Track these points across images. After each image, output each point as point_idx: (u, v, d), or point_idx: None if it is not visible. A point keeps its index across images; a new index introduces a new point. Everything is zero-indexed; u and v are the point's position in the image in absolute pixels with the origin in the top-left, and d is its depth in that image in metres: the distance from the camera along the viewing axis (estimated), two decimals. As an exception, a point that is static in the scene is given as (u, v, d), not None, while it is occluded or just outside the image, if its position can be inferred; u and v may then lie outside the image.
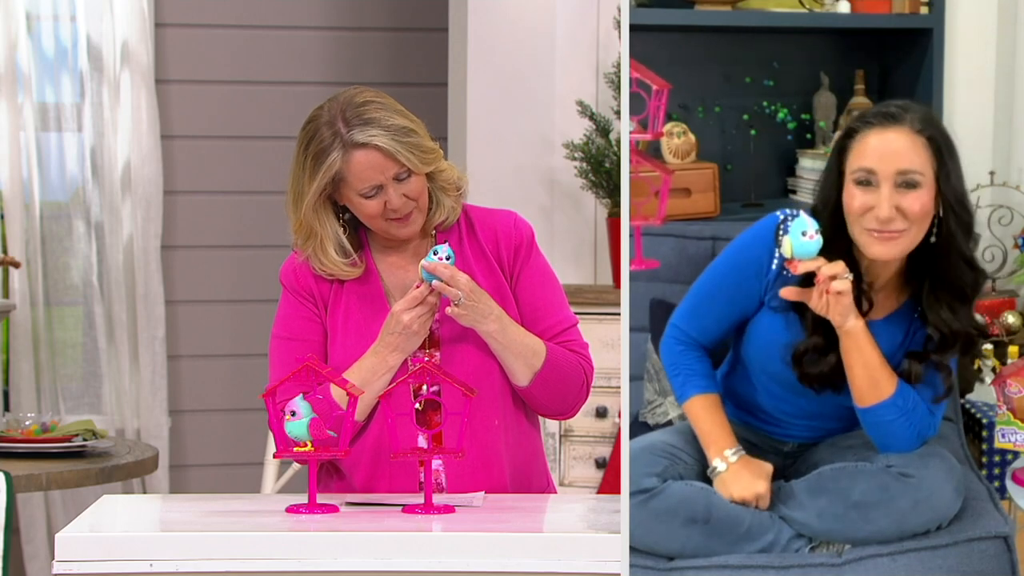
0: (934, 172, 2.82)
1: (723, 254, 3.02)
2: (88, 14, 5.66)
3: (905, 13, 3.33)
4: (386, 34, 5.92)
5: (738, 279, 2.97)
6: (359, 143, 3.24)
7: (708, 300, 3.02)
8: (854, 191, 2.82)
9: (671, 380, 3.05)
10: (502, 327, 3.26)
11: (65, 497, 5.61)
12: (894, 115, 2.83)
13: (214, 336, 5.90)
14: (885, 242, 2.82)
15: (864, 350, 2.88)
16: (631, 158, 2.76)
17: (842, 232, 2.85)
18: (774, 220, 2.92)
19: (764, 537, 2.92)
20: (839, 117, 3.22)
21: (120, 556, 2.82)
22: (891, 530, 2.88)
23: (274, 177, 5.84)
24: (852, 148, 2.84)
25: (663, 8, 3.29)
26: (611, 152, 5.19)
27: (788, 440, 3.07)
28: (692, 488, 2.93)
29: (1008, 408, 2.91)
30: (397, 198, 3.26)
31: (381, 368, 3.26)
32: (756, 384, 3.02)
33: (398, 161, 3.25)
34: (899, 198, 2.80)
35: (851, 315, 2.84)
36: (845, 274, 2.79)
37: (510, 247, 3.37)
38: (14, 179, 5.59)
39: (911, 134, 2.83)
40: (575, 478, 5.12)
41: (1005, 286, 3.29)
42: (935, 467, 2.91)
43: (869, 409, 2.91)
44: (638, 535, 2.79)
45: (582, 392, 3.36)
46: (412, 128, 3.28)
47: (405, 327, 3.22)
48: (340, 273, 3.33)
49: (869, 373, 2.89)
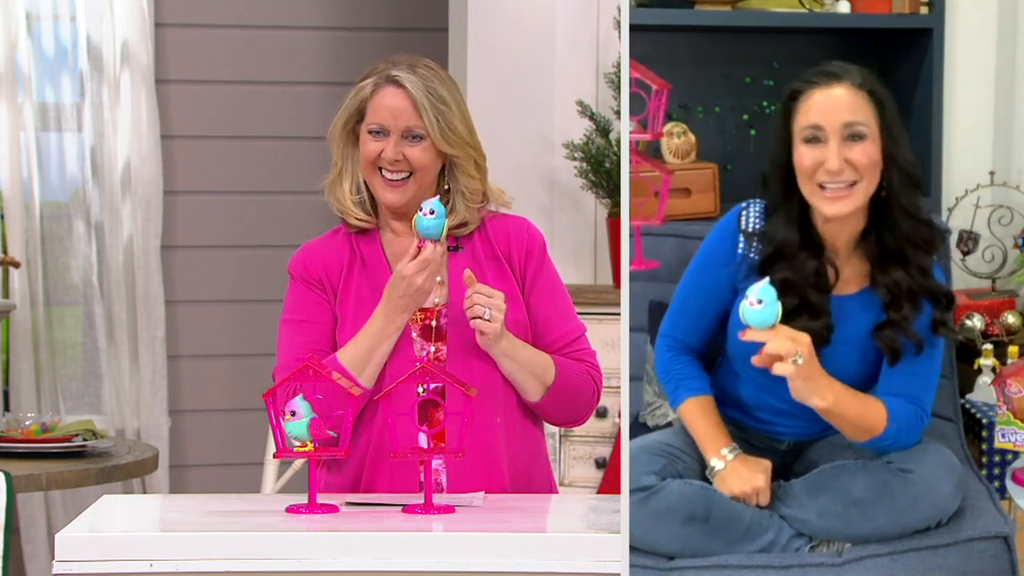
0: (878, 125, 2.87)
1: (695, 255, 3.05)
2: (88, 14, 5.66)
3: (905, 13, 3.33)
4: (386, 34, 5.92)
5: (710, 273, 3.00)
6: (393, 79, 3.30)
7: (687, 300, 3.04)
8: (803, 149, 2.86)
9: (664, 387, 3.06)
10: (512, 344, 3.27)
11: (65, 497, 5.61)
12: (836, 73, 2.88)
13: (214, 336, 5.90)
14: (837, 200, 2.85)
15: (837, 416, 2.88)
16: (631, 158, 2.76)
17: (795, 198, 2.88)
18: (736, 210, 2.97)
19: (764, 536, 2.92)
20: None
21: (120, 556, 2.82)
22: (891, 527, 2.88)
23: (274, 177, 5.85)
24: (797, 109, 2.88)
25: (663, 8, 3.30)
26: (611, 152, 5.19)
27: (781, 438, 3.06)
28: (691, 487, 2.93)
29: (1008, 408, 2.91)
30: (393, 150, 3.28)
31: (389, 329, 3.27)
32: (741, 375, 3.01)
33: (418, 114, 3.27)
34: (847, 151, 2.83)
35: (811, 396, 2.83)
36: (794, 356, 2.77)
37: (522, 252, 3.37)
38: (14, 179, 5.59)
39: (853, 88, 2.87)
40: (575, 478, 5.12)
41: (1005, 286, 3.29)
42: (934, 462, 2.91)
43: (863, 443, 2.93)
44: (637, 534, 2.79)
45: (592, 401, 3.38)
46: (449, 103, 3.31)
47: (418, 288, 3.23)
48: (349, 213, 3.35)
49: (853, 425, 2.91)
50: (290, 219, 5.84)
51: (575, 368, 3.34)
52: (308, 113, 5.80)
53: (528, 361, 3.29)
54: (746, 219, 2.97)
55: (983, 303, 3.27)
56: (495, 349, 3.26)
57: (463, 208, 3.35)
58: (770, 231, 2.93)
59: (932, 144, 3.31)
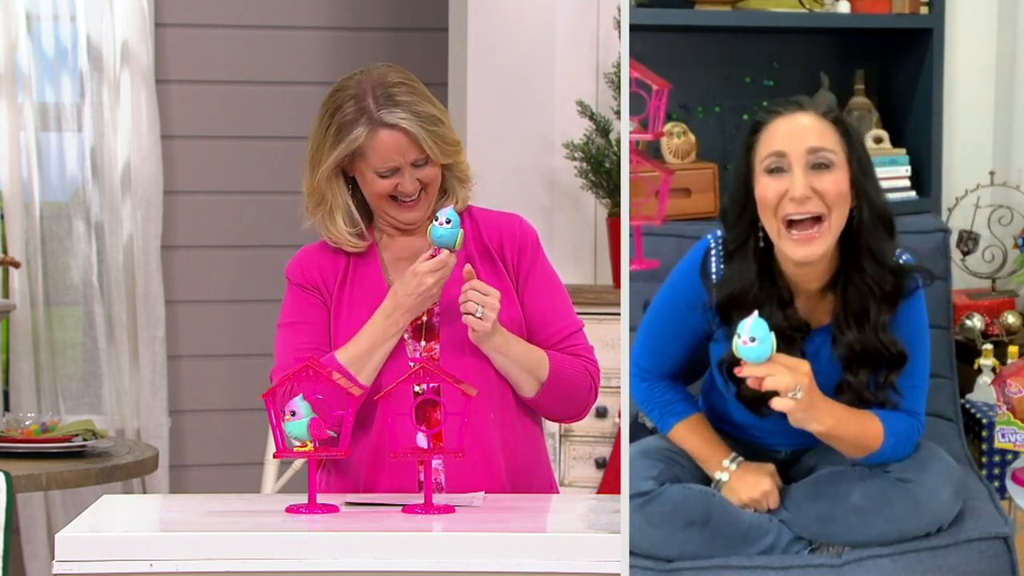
0: (846, 155, 2.71)
1: (661, 290, 2.95)
2: (88, 14, 5.66)
3: (905, 13, 3.34)
4: (386, 34, 5.92)
5: (678, 314, 2.91)
6: (387, 123, 3.27)
7: (656, 337, 2.96)
8: (765, 180, 2.70)
9: (649, 416, 3.01)
10: (505, 340, 3.27)
11: (65, 497, 5.61)
12: (799, 102, 2.75)
13: (214, 336, 5.90)
14: (806, 243, 2.70)
15: (836, 438, 2.84)
16: (631, 158, 2.76)
17: (756, 240, 2.75)
18: (703, 245, 2.86)
19: (763, 540, 2.91)
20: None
21: (120, 556, 2.82)
22: (890, 534, 2.87)
23: (274, 177, 5.85)
24: (760, 140, 2.74)
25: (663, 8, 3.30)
26: (611, 152, 5.19)
27: (779, 448, 3.04)
28: (690, 491, 2.92)
29: (1008, 408, 2.91)
30: (411, 183, 3.29)
31: (391, 330, 3.27)
32: (728, 397, 2.95)
33: (421, 148, 3.27)
34: (813, 179, 2.68)
35: (810, 423, 2.75)
36: (793, 391, 2.66)
37: (515, 248, 3.37)
38: (14, 179, 5.59)
39: (817, 117, 2.73)
40: (575, 478, 5.12)
41: (1005, 286, 3.29)
42: (933, 471, 2.90)
43: (864, 459, 2.90)
44: (636, 539, 2.78)
45: (590, 396, 3.36)
46: (439, 117, 3.32)
47: (427, 288, 3.23)
48: (345, 244, 3.35)
49: (849, 445, 2.87)
50: (290, 219, 5.79)
51: (570, 363, 3.33)
52: (308, 113, 5.75)
53: (521, 356, 3.29)
54: (709, 262, 2.85)
55: (983, 303, 3.27)
56: (487, 345, 3.25)
57: (460, 190, 3.38)
58: (728, 277, 2.82)
59: (932, 144, 3.31)
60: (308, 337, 3.32)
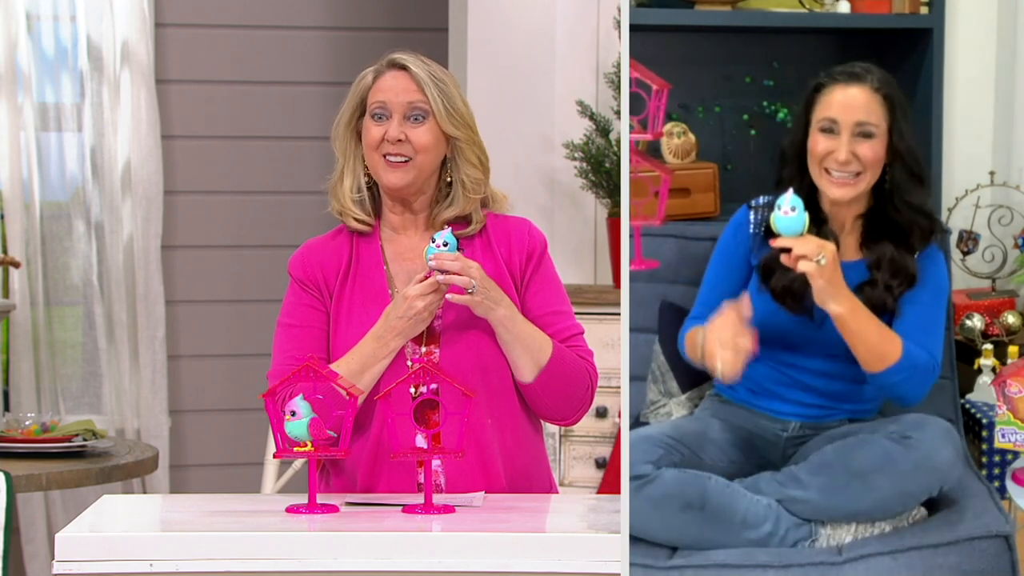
0: (887, 126, 3.10)
1: (715, 249, 3.21)
2: (88, 14, 5.66)
3: (905, 13, 3.34)
4: (386, 34, 5.92)
5: (726, 256, 3.20)
6: (393, 63, 3.34)
7: (710, 286, 3.19)
8: (818, 137, 3.09)
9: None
10: (512, 315, 3.26)
11: (65, 497, 5.61)
12: (857, 74, 3.10)
13: (214, 336, 5.90)
14: (841, 186, 3.09)
15: (854, 331, 3.02)
16: (631, 158, 2.76)
17: (805, 176, 3.11)
18: (747, 204, 3.18)
19: (761, 527, 2.95)
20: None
21: (120, 556, 2.82)
22: (894, 496, 2.93)
23: (274, 177, 5.85)
24: (819, 101, 3.11)
25: (663, 8, 3.30)
26: (611, 152, 5.19)
27: (788, 418, 3.11)
28: (687, 474, 2.98)
29: (1008, 408, 2.92)
30: (396, 129, 3.29)
31: (382, 352, 3.26)
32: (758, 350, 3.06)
33: (420, 91, 3.28)
34: (856, 145, 3.07)
35: (829, 300, 2.99)
36: (817, 256, 2.96)
37: (522, 254, 3.37)
38: (14, 179, 5.59)
39: (870, 91, 3.09)
40: (575, 478, 5.12)
41: (1005, 286, 3.29)
42: (933, 429, 2.99)
43: (878, 375, 3.03)
44: (635, 524, 2.81)
45: (586, 396, 3.34)
46: (450, 86, 3.34)
47: (417, 312, 3.23)
48: (348, 212, 3.35)
49: (867, 348, 3.03)
50: (290, 219, 5.84)
51: (572, 357, 3.31)
52: (308, 113, 5.81)
53: (524, 335, 3.27)
54: (756, 202, 3.18)
55: (983, 303, 3.28)
56: (493, 316, 3.24)
57: (462, 199, 3.35)
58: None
59: (932, 144, 3.31)
60: (305, 343, 3.32)
